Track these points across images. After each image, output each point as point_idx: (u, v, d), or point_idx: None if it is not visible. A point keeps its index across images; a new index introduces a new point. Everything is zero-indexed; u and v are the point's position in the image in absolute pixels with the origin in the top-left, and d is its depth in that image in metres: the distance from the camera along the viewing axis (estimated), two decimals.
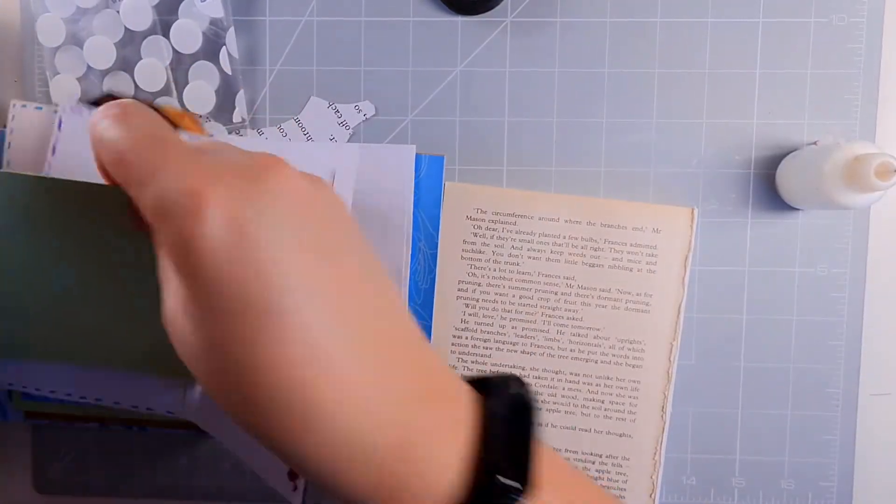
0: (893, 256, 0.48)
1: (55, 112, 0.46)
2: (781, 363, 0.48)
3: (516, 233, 0.47)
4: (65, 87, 0.47)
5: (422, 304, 0.46)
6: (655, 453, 0.47)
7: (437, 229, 0.45)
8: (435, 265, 0.46)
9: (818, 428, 0.48)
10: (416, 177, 0.45)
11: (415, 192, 0.45)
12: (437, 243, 0.46)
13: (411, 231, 0.45)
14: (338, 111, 0.47)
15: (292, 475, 0.42)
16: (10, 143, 0.47)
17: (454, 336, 0.48)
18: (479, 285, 0.47)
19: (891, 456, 0.49)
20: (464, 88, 0.47)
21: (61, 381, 0.48)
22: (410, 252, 0.45)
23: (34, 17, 0.47)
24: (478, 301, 0.47)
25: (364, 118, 0.48)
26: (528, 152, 0.48)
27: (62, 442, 0.51)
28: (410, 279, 0.45)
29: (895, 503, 0.49)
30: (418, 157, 0.45)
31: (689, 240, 0.46)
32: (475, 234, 0.47)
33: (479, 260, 0.47)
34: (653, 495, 0.47)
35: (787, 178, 0.45)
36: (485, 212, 0.47)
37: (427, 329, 0.46)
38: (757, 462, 0.48)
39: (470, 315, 0.47)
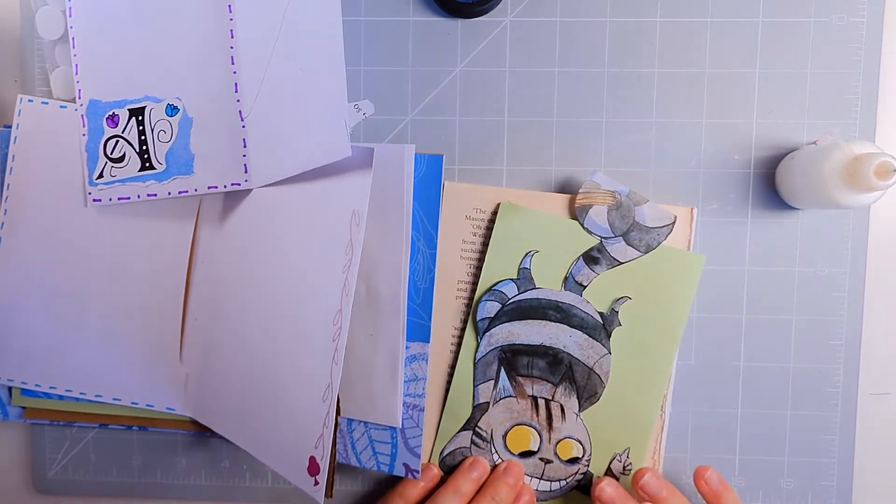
0: (893, 256, 0.48)
1: (62, 107, 0.46)
2: (781, 363, 0.48)
3: None
4: (65, 79, 0.47)
5: (421, 303, 0.46)
6: (655, 452, 0.47)
7: (436, 229, 0.45)
8: (434, 265, 0.46)
9: (818, 428, 0.48)
10: (416, 176, 0.45)
11: (414, 191, 0.45)
12: (435, 243, 0.45)
13: (410, 230, 0.45)
14: None
15: (313, 470, 0.41)
16: (16, 138, 0.47)
17: (453, 336, 0.48)
18: (478, 285, 0.47)
19: (891, 455, 0.49)
20: (464, 88, 0.47)
21: (62, 377, 0.48)
22: (409, 252, 0.45)
23: (33, 11, 0.47)
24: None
25: (364, 117, 0.48)
26: (528, 152, 0.48)
27: (62, 442, 0.51)
28: (409, 279, 0.45)
29: (895, 503, 0.49)
30: (417, 157, 0.45)
31: (688, 239, 0.46)
32: (474, 234, 0.47)
33: (479, 259, 0.47)
34: None
35: (787, 178, 0.45)
36: (483, 211, 0.47)
37: (426, 329, 0.46)
38: (757, 462, 0.48)
39: (470, 313, 0.47)
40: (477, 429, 0.47)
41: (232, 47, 0.43)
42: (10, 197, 0.47)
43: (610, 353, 0.46)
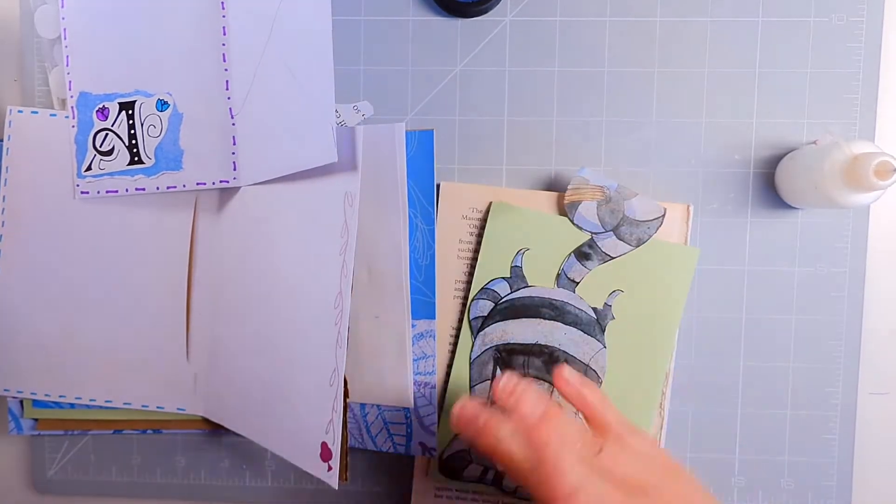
0: (893, 256, 0.48)
1: (51, 115, 0.46)
2: (781, 362, 0.48)
3: None
4: (64, 78, 0.47)
5: (424, 280, 0.46)
6: None
7: (432, 204, 0.46)
8: (433, 241, 0.46)
9: (818, 427, 0.48)
10: (408, 153, 0.45)
11: (407, 169, 0.45)
12: (433, 219, 0.46)
13: (407, 209, 0.45)
14: (336, 111, 0.47)
15: (325, 455, 0.41)
16: (8, 150, 0.47)
17: (451, 335, 0.48)
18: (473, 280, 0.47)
19: (890, 455, 0.49)
20: (463, 88, 0.47)
21: (70, 385, 0.48)
22: (408, 230, 0.45)
23: (32, 10, 0.47)
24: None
25: (363, 118, 0.48)
26: (527, 152, 0.48)
27: (62, 442, 0.51)
28: (410, 257, 0.45)
29: (895, 502, 0.49)
30: (408, 134, 0.45)
31: (685, 236, 0.46)
32: (470, 234, 0.47)
33: (475, 259, 0.47)
34: None
35: (787, 178, 0.45)
36: (479, 211, 0.47)
37: (430, 306, 0.46)
38: (757, 461, 0.48)
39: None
40: None
41: (224, 45, 0.43)
42: (6, 209, 0.47)
43: (605, 347, 0.46)
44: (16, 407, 0.49)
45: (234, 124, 0.43)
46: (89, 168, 0.45)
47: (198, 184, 0.44)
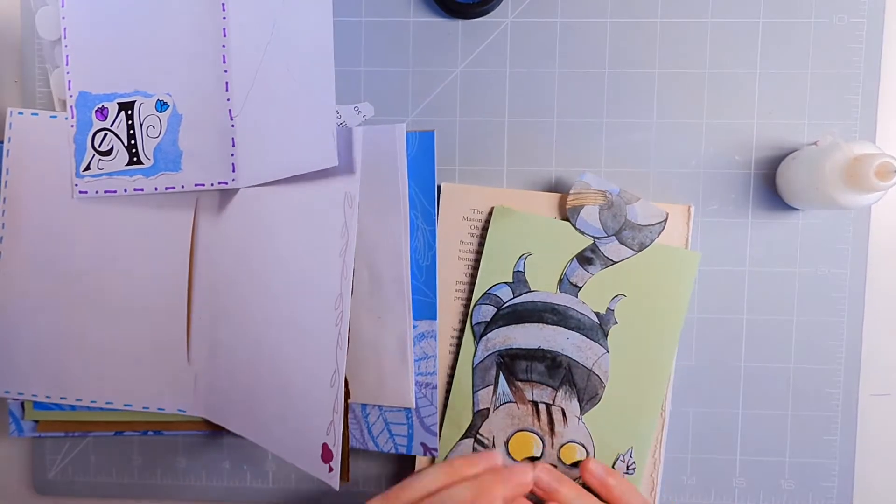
0: (894, 256, 0.48)
1: (52, 117, 0.46)
2: (781, 363, 0.48)
3: None
4: (65, 79, 0.47)
5: (425, 281, 0.46)
6: (655, 452, 0.47)
7: (433, 205, 0.45)
8: (434, 241, 0.46)
9: (818, 428, 0.48)
10: (409, 154, 0.45)
11: (408, 169, 0.45)
12: (434, 219, 0.46)
13: (408, 210, 0.45)
14: (337, 112, 0.47)
15: (326, 457, 0.41)
16: (8, 152, 0.47)
17: (452, 337, 0.48)
18: (474, 289, 0.47)
19: (891, 456, 0.49)
20: (464, 89, 0.47)
21: (70, 387, 0.48)
22: (409, 231, 0.45)
23: (33, 11, 0.47)
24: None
25: (363, 119, 0.48)
26: (528, 153, 0.48)
27: (62, 443, 0.51)
28: (411, 258, 0.45)
29: (895, 502, 0.49)
30: (409, 135, 0.45)
31: (685, 237, 0.46)
32: (471, 235, 0.47)
33: (476, 260, 0.47)
34: (653, 493, 0.47)
35: (788, 179, 0.45)
36: (480, 212, 0.47)
37: (432, 306, 0.46)
38: (757, 462, 0.48)
39: (468, 316, 0.47)
40: (478, 436, 0.47)
41: (224, 46, 0.43)
42: (7, 211, 0.47)
43: (608, 352, 0.46)
44: (16, 409, 0.49)
45: (233, 126, 0.43)
46: (88, 168, 0.45)
47: (196, 185, 0.44)
